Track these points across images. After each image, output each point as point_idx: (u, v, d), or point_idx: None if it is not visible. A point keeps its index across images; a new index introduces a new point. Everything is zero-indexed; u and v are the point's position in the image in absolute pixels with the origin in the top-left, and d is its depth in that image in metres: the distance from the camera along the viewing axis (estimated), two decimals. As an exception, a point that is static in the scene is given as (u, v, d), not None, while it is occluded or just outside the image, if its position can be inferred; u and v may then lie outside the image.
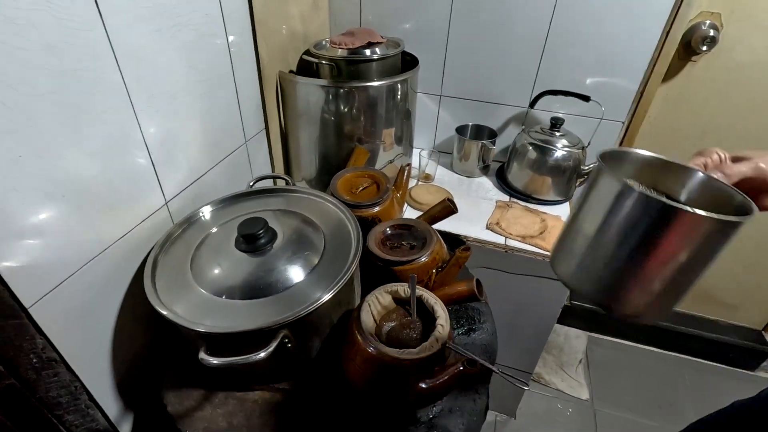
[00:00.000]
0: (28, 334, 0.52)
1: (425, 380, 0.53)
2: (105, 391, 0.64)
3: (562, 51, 1.07)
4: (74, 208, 0.53)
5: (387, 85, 0.96)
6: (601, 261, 0.39)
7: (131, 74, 0.58)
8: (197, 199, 0.77)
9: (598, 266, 0.39)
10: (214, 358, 0.51)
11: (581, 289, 0.42)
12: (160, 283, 0.60)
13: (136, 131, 0.61)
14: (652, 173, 0.43)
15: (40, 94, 0.47)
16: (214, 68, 0.77)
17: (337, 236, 0.68)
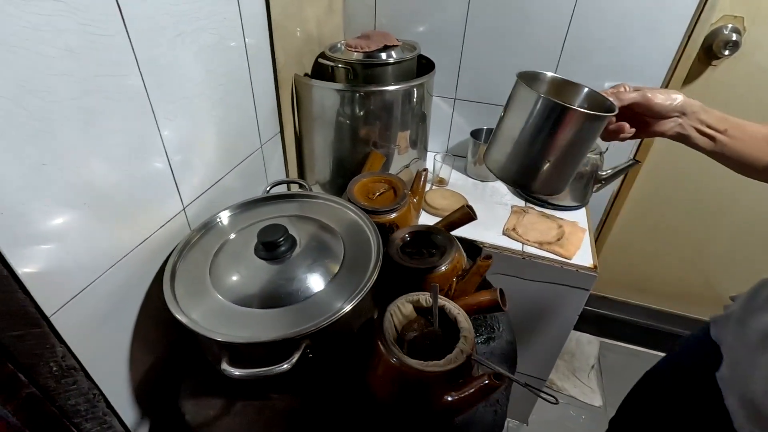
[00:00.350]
0: (48, 343, 0.51)
1: (451, 393, 0.52)
2: (122, 398, 0.63)
3: (580, 56, 1.06)
4: (95, 215, 0.53)
5: (403, 89, 0.95)
6: (521, 151, 0.52)
7: (152, 80, 0.57)
8: (213, 205, 0.76)
9: (519, 156, 0.53)
10: (236, 370, 0.51)
11: (508, 175, 0.56)
12: (179, 290, 0.60)
13: (155, 137, 0.61)
14: (557, 89, 0.57)
15: (62, 100, 0.46)
16: (232, 72, 0.76)
17: (356, 243, 0.67)
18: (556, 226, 1.01)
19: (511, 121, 0.54)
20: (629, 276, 1.51)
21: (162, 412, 0.70)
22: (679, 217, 1.33)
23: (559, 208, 1.10)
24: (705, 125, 0.56)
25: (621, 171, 1.04)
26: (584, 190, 1.09)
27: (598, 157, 1.05)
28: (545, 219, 1.04)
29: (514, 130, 0.52)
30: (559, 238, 0.97)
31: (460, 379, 0.54)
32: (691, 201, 1.29)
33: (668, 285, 1.49)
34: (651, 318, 1.56)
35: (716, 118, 0.55)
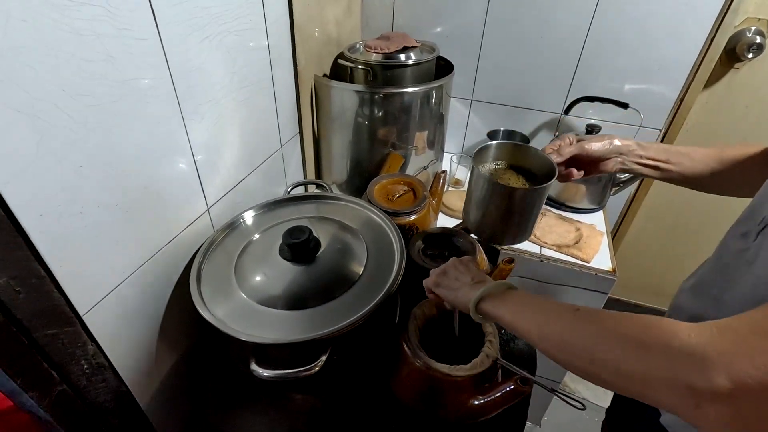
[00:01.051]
0: (80, 341, 0.52)
1: (477, 397, 0.52)
2: (148, 395, 0.64)
3: (601, 57, 1.05)
4: (126, 216, 0.53)
5: (422, 91, 0.95)
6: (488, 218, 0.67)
7: (182, 82, 0.58)
8: (236, 205, 0.77)
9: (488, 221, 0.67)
10: (264, 371, 0.51)
11: (483, 236, 0.71)
12: (205, 290, 0.60)
13: (183, 139, 0.61)
14: (509, 152, 0.69)
15: (100, 104, 0.47)
16: (255, 74, 0.76)
17: (379, 245, 0.67)
18: (574, 229, 1.01)
19: (476, 194, 0.67)
20: (645, 279, 1.50)
21: (186, 410, 0.71)
22: (699, 219, 1.32)
23: (576, 210, 1.10)
24: (646, 158, 0.62)
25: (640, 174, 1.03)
26: (602, 193, 1.08)
27: (616, 160, 1.04)
28: (563, 222, 1.04)
29: (479, 201, 0.67)
30: (577, 241, 0.97)
31: (485, 383, 0.54)
32: (712, 202, 1.27)
33: (684, 289, 1.48)
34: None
35: (655, 151, 0.62)
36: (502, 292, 0.47)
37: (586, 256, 0.93)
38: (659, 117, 1.07)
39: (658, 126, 1.09)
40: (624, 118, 1.08)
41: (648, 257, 1.45)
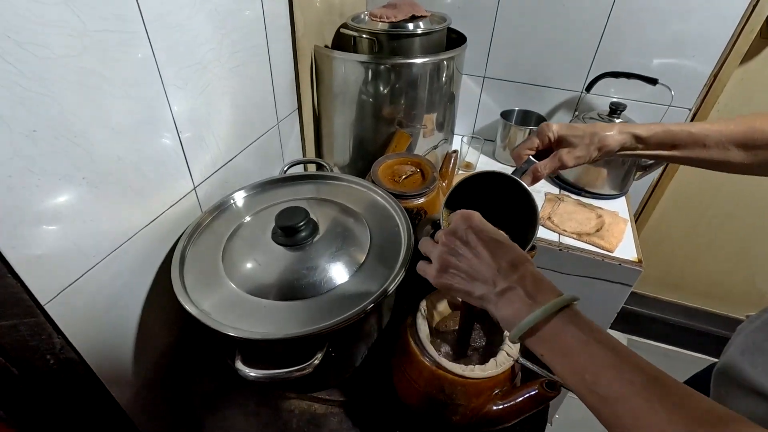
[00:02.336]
0: (44, 333, 0.46)
1: (497, 402, 0.46)
2: (128, 393, 0.58)
3: (628, 29, 0.96)
4: (96, 192, 0.47)
5: (432, 63, 0.87)
6: None
7: (160, 40, 0.51)
8: (227, 185, 0.70)
9: None
10: (252, 370, 0.45)
11: None
12: (188, 278, 0.54)
13: (164, 107, 0.54)
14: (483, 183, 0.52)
15: (58, 57, 0.40)
16: (248, 39, 0.69)
17: (383, 230, 0.60)
18: (594, 216, 0.93)
19: None
20: (665, 271, 1.42)
21: (170, 409, 0.65)
22: (726, 208, 1.23)
23: (596, 196, 1.02)
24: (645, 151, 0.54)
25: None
26: (625, 178, 1.00)
27: (642, 142, 0.96)
28: (583, 208, 0.96)
29: None
30: (598, 229, 0.89)
31: (504, 387, 0.48)
32: (741, 192, 1.19)
33: (708, 282, 1.40)
34: (686, 316, 1.47)
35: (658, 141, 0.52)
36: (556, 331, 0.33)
37: (609, 246, 0.86)
38: (689, 95, 0.98)
39: (688, 105, 1.00)
40: (651, 96, 0.99)
41: (669, 248, 1.37)
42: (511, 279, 0.35)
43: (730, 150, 0.51)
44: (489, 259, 0.37)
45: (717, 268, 1.37)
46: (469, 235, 0.39)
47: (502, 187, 0.52)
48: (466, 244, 0.39)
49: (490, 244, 0.38)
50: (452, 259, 0.39)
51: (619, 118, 0.97)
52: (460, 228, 0.40)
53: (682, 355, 1.50)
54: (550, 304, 0.33)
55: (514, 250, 0.38)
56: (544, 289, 0.35)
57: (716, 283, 1.40)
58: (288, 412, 0.56)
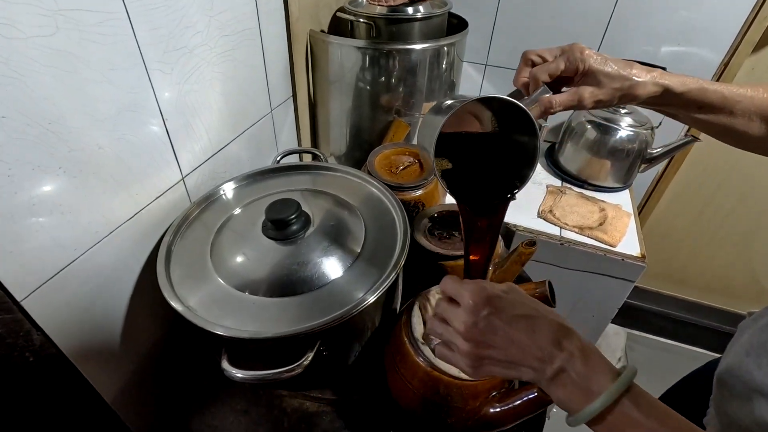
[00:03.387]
0: (22, 330, 0.44)
1: (494, 404, 0.44)
2: (115, 390, 0.56)
3: (635, 16, 0.92)
4: (74, 183, 0.44)
5: (432, 49, 0.83)
6: None
7: (142, 22, 0.48)
8: (217, 175, 0.68)
9: None
10: (238, 371, 0.43)
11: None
12: (175, 272, 0.52)
13: (148, 93, 0.51)
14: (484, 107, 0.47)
15: (28, 37, 0.37)
16: (239, 22, 0.65)
17: (379, 223, 0.58)
18: (597, 210, 0.91)
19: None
20: (667, 265, 1.40)
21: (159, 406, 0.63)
22: (730, 203, 1.21)
23: (599, 189, 0.99)
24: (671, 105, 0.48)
25: (675, 149, 0.92)
26: (629, 170, 0.97)
27: (648, 132, 0.93)
28: (585, 201, 0.94)
29: None
30: (601, 223, 0.87)
31: (501, 388, 0.46)
32: (745, 186, 1.16)
33: (709, 276, 1.38)
34: (687, 310, 1.46)
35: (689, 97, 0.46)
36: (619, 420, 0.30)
37: (612, 240, 0.83)
38: (698, 85, 0.95)
39: (696, 95, 0.97)
40: (658, 86, 0.96)
41: (671, 242, 1.34)
42: (558, 360, 0.31)
43: (753, 121, 0.47)
44: (526, 342, 0.32)
45: (719, 263, 1.35)
46: (494, 321, 0.33)
47: (501, 115, 0.46)
48: (493, 332, 0.33)
49: (521, 324, 0.33)
50: (484, 351, 0.34)
51: (625, 108, 0.94)
52: (479, 316, 0.34)
53: (682, 350, 1.49)
54: (608, 394, 0.29)
55: (550, 324, 0.33)
56: (596, 367, 0.31)
57: (718, 277, 1.38)
58: (279, 411, 0.54)
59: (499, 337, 0.33)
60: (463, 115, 0.46)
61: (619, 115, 0.94)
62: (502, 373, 0.34)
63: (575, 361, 0.31)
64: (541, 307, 0.35)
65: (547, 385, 0.33)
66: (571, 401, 0.31)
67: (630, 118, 0.93)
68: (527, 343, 0.32)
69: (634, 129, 0.92)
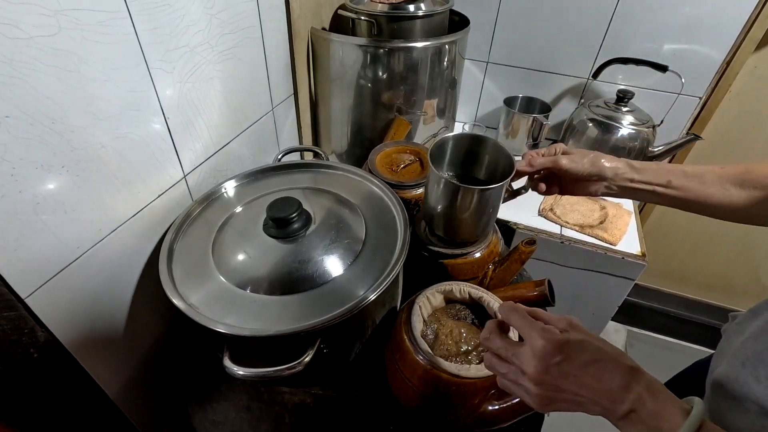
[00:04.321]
0: (26, 327, 0.44)
1: (492, 402, 0.44)
2: (118, 386, 0.57)
3: (638, 13, 0.92)
4: (77, 181, 0.45)
5: (433, 47, 0.83)
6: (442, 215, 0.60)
7: (143, 21, 0.48)
8: (218, 173, 0.68)
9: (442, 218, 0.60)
10: (240, 369, 0.43)
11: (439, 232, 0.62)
12: (177, 270, 0.52)
13: (150, 91, 0.52)
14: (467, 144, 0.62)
15: (31, 37, 0.37)
16: (241, 20, 0.66)
17: (379, 222, 0.58)
18: (598, 208, 0.91)
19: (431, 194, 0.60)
20: (668, 263, 1.40)
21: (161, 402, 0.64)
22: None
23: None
24: (639, 182, 0.54)
25: (676, 147, 0.92)
26: (630, 168, 0.97)
27: (649, 131, 0.93)
28: (586, 200, 0.94)
29: (435, 199, 0.59)
30: (602, 221, 0.87)
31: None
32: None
33: (710, 274, 1.38)
34: (687, 308, 1.46)
35: (653, 173, 0.53)
36: None
37: (612, 238, 0.83)
38: (701, 83, 0.95)
39: (698, 94, 0.97)
40: (660, 84, 0.96)
41: (672, 240, 1.35)
42: (628, 402, 0.32)
43: (728, 189, 0.50)
44: (597, 386, 0.33)
45: (719, 260, 1.35)
46: (564, 368, 0.34)
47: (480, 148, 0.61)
48: (564, 378, 0.34)
49: (591, 369, 0.34)
50: (554, 394, 0.35)
51: (627, 106, 0.94)
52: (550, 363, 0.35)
53: (683, 347, 1.49)
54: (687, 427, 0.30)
55: (617, 367, 0.34)
56: (666, 406, 0.32)
57: (718, 275, 1.38)
58: (280, 407, 0.55)
59: (570, 382, 0.34)
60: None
61: (620, 113, 0.94)
62: (571, 409, 0.35)
63: (645, 401, 0.32)
64: (606, 346, 0.35)
65: (616, 423, 0.33)
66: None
67: (632, 116, 0.93)
68: (597, 387, 0.33)
69: (636, 127, 0.92)
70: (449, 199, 0.57)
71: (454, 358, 0.47)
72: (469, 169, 0.63)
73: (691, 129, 1.02)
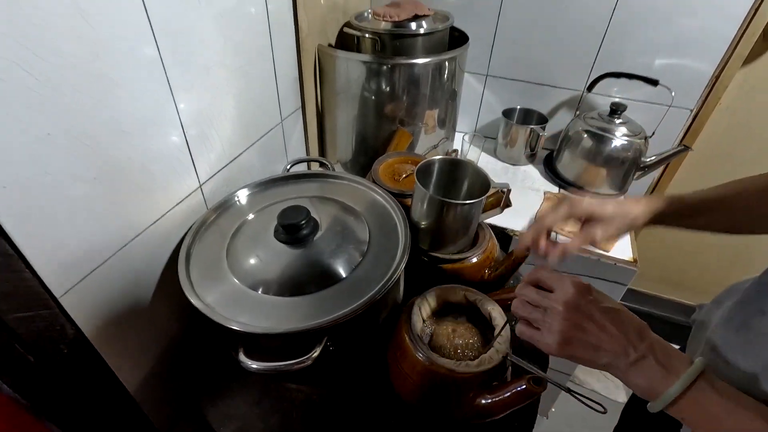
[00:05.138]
0: (58, 324, 0.48)
1: (485, 396, 0.48)
2: (137, 381, 0.61)
3: (630, 28, 0.96)
4: (106, 190, 0.49)
5: (434, 63, 0.88)
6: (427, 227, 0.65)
7: (167, 45, 0.53)
8: (231, 182, 0.72)
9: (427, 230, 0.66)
10: (254, 362, 0.47)
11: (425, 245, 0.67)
12: (194, 273, 0.56)
13: (171, 108, 0.56)
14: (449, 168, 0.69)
15: (71, 65, 0.42)
16: (252, 40, 0.70)
17: (382, 228, 0.62)
18: (592, 216, 0.94)
19: (416, 207, 0.66)
20: (665, 269, 1.43)
21: (177, 397, 0.68)
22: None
23: (595, 195, 1.03)
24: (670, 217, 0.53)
25: (667, 158, 0.96)
26: (624, 178, 1.01)
27: (642, 142, 0.97)
28: (581, 207, 0.97)
29: (419, 212, 0.65)
30: (595, 229, 0.90)
31: (494, 382, 0.50)
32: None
33: (708, 280, 1.41)
34: (685, 314, 1.48)
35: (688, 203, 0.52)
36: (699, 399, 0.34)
37: (605, 245, 0.87)
38: (691, 96, 0.99)
39: (689, 106, 1.00)
40: (652, 97, 1.00)
41: (669, 247, 1.38)
42: (641, 348, 0.36)
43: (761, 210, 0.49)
44: (615, 331, 0.37)
45: (716, 267, 1.37)
46: (592, 309, 0.39)
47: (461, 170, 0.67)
48: (590, 318, 0.38)
49: (612, 314, 0.38)
50: (577, 333, 0.38)
51: (620, 118, 0.98)
52: (581, 302, 0.39)
53: (679, 353, 1.51)
54: (688, 375, 0.34)
55: (634, 319, 0.38)
56: (674, 355, 0.36)
57: (714, 281, 1.41)
58: (288, 402, 0.59)
59: (594, 323, 0.38)
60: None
61: (613, 125, 0.97)
62: (584, 355, 0.39)
63: (656, 349, 0.36)
64: (621, 305, 0.40)
65: (625, 371, 0.37)
66: (651, 385, 0.36)
67: (625, 127, 0.97)
68: (615, 332, 0.37)
69: (629, 138, 0.96)
70: (433, 212, 0.63)
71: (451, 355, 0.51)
72: (451, 188, 0.69)
73: (683, 140, 1.06)
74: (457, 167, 0.68)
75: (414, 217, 0.66)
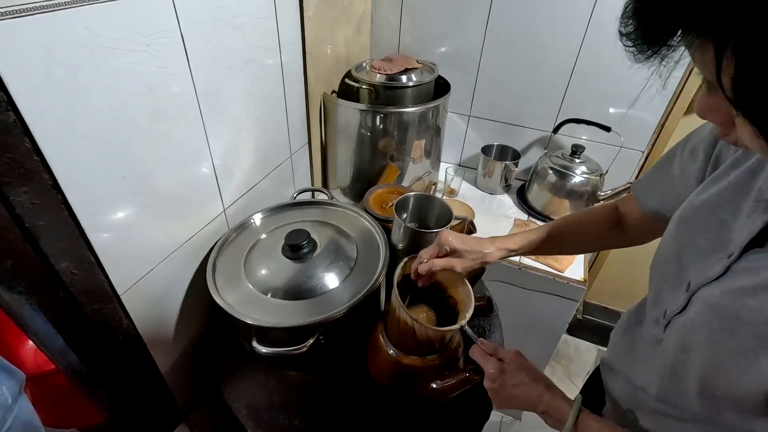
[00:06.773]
0: (117, 315, 0.64)
1: (436, 381, 0.63)
2: (168, 364, 0.76)
3: (588, 81, 1.13)
4: (158, 216, 0.65)
5: (420, 111, 1.05)
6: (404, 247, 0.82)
7: (206, 105, 0.69)
8: (248, 207, 0.89)
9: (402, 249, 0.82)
10: (264, 347, 0.63)
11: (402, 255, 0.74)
12: (219, 279, 0.72)
13: (205, 150, 0.73)
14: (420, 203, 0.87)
15: (141, 128, 0.58)
16: (270, 93, 0.87)
17: (367, 247, 0.78)
18: (553, 241, 1.10)
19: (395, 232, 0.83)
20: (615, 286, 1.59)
21: (198, 379, 0.83)
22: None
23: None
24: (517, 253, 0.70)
25: (618, 193, 1.11)
26: (585, 207, 1.16)
27: (598, 179, 1.12)
28: (544, 233, 1.13)
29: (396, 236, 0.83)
30: (555, 252, 1.06)
31: (446, 371, 0.65)
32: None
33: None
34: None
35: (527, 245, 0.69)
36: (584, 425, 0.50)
37: (560, 266, 1.02)
38: (641, 140, 1.15)
39: (641, 148, 1.16)
40: (608, 139, 1.16)
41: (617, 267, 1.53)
42: (541, 407, 0.54)
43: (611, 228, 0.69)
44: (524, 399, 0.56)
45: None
46: (501, 389, 0.57)
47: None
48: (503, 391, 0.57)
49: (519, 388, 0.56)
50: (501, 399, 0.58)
51: (579, 158, 1.14)
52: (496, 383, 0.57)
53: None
54: (571, 418, 0.50)
55: (536, 387, 0.55)
56: (563, 406, 0.53)
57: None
58: (287, 384, 0.74)
59: (506, 393, 0.57)
60: None
61: (574, 163, 1.13)
62: (511, 406, 0.57)
63: (551, 405, 0.54)
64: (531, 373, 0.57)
65: (539, 415, 0.55)
66: (555, 426, 0.54)
67: (584, 166, 1.13)
68: (523, 398, 0.56)
69: (587, 175, 1.12)
70: (407, 237, 0.80)
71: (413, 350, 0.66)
72: (424, 217, 0.87)
73: (637, 176, 1.21)
74: (429, 201, 0.84)
75: (393, 240, 0.82)
